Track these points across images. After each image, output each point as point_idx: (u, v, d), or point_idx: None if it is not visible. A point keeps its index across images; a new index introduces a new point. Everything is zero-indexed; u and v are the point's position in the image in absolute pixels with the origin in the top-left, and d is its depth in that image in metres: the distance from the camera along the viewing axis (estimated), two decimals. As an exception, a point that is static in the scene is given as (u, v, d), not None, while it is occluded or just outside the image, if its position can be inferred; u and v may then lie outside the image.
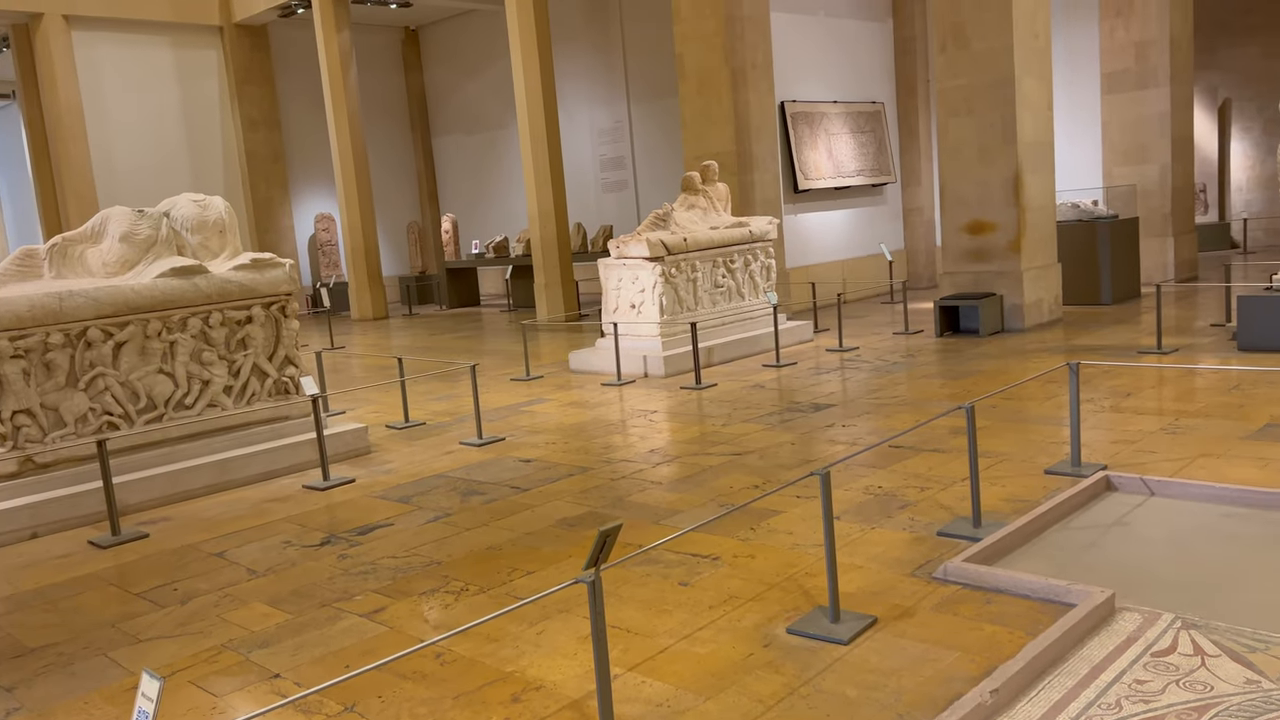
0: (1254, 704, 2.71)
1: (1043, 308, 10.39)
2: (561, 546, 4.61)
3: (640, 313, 9.45)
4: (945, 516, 4.55)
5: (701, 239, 9.70)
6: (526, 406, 8.19)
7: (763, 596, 3.80)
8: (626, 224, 16.69)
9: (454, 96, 21.11)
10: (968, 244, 10.42)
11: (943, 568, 3.86)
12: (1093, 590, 3.40)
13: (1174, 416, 6.10)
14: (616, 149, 17.55)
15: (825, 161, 13.98)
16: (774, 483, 5.33)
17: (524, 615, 3.75)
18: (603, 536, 2.60)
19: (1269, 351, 7.74)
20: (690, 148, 12.56)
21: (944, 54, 10.35)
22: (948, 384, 7.74)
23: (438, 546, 4.74)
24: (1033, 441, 5.76)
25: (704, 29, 12.16)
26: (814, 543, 4.31)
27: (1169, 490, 4.61)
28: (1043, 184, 10.40)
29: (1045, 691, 2.88)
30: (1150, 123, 13.02)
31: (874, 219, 15.02)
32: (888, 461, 5.55)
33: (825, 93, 14.13)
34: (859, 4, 14.56)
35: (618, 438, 6.85)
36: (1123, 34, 13.03)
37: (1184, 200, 13.31)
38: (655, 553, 4.28)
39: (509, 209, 19.87)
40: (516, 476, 5.95)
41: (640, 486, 5.51)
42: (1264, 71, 17.44)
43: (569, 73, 17.47)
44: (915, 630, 3.40)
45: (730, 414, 7.25)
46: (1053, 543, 4.13)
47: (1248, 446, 5.31)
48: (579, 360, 9.88)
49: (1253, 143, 18.38)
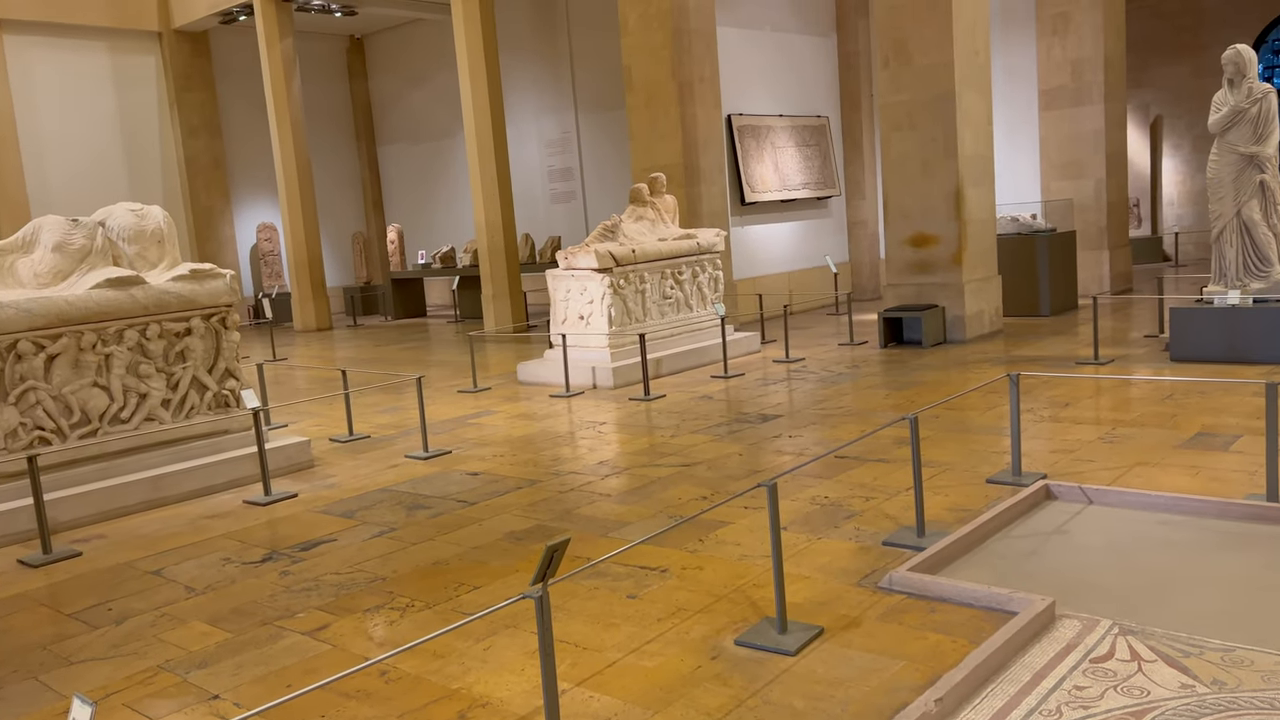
0: (1189, 709, 2.77)
1: (984, 319, 10.59)
2: (509, 560, 4.57)
3: (589, 324, 9.44)
4: (890, 526, 4.60)
5: (650, 251, 9.72)
6: (474, 419, 8.13)
7: (711, 608, 3.81)
8: (575, 235, 16.68)
9: (400, 105, 20.94)
10: (911, 256, 10.59)
11: (888, 577, 3.90)
12: (1033, 598, 3.46)
13: (1111, 426, 6.25)
14: (564, 160, 17.55)
15: (771, 174, 14.12)
16: (722, 494, 5.35)
17: (471, 631, 3.70)
18: (550, 551, 2.59)
19: (1200, 362, 7.97)
20: (638, 160, 12.60)
21: (887, 69, 10.52)
22: (892, 394, 7.84)
23: (382, 562, 4.68)
24: (975, 451, 5.85)
25: (651, 42, 12.22)
26: (762, 554, 4.33)
27: (1106, 499, 4.71)
28: (983, 198, 10.61)
29: (989, 699, 2.92)
30: (1086, 139, 13.37)
31: (819, 231, 15.20)
32: (834, 472, 5.60)
33: (771, 106, 14.28)
34: (804, 19, 14.76)
35: (566, 450, 6.82)
36: (1059, 52, 13.36)
37: (1119, 214, 13.67)
38: (603, 566, 4.26)
39: (456, 219, 19.74)
40: (463, 490, 5.89)
41: (589, 499, 5.49)
42: (1194, 90, 18.01)
43: (516, 83, 17.44)
44: (861, 640, 3.43)
45: (679, 425, 7.26)
46: (995, 551, 4.20)
47: (1181, 455, 5.45)
48: (527, 372, 9.84)
49: (1183, 159, 18.96)
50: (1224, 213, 8.01)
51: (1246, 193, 7.87)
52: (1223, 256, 8.09)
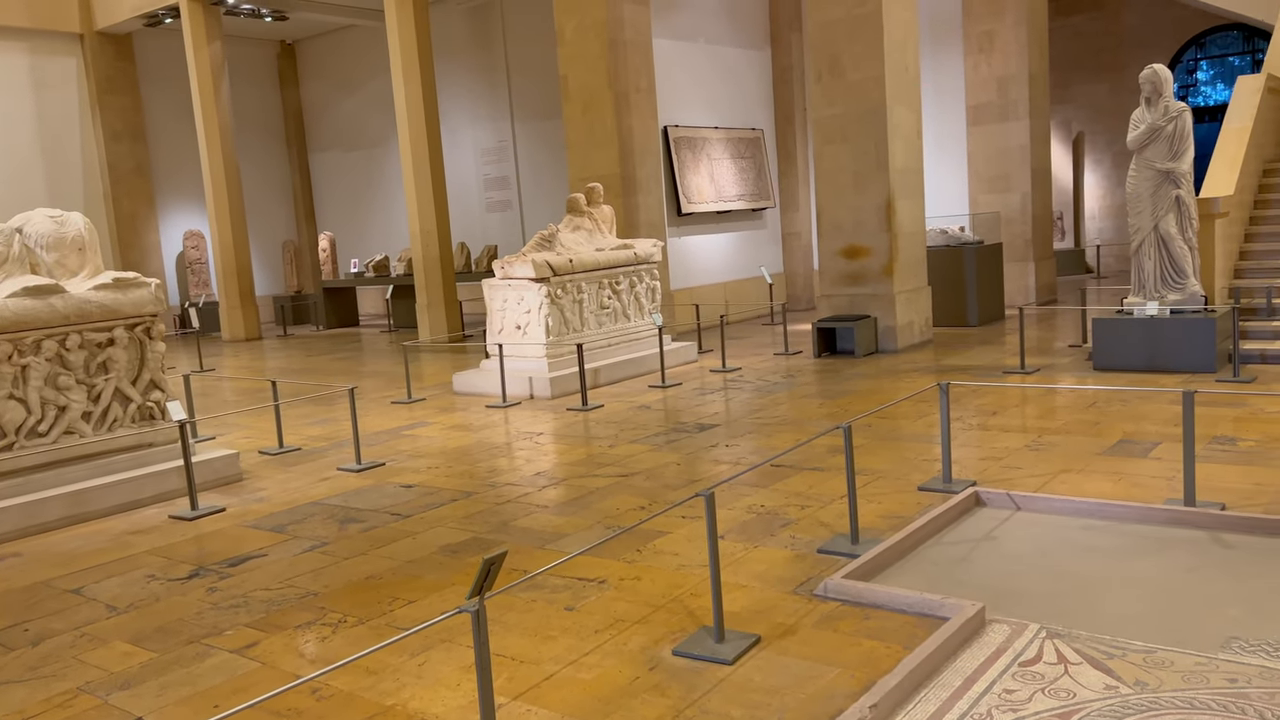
0: (1113, 709, 2.85)
1: (914, 329, 10.79)
2: (444, 574, 4.51)
3: (526, 334, 9.39)
4: (825, 534, 4.66)
5: (587, 260, 9.72)
6: (408, 430, 8.02)
7: (649, 619, 3.81)
8: (511, 244, 16.60)
9: (332, 112, 20.64)
10: (843, 268, 10.75)
11: (823, 585, 3.94)
12: (964, 604, 3.52)
13: (1037, 434, 6.41)
14: (501, 168, 17.46)
15: (707, 185, 14.22)
16: (660, 504, 5.35)
17: (405, 646, 3.65)
18: (487, 565, 2.56)
19: (1121, 371, 8.22)
20: (575, 169, 12.59)
21: (820, 83, 10.69)
22: (826, 404, 7.94)
23: (314, 577, 4.58)
24: (907, 459, 5.95)
25: (588, 52, 12.24)
26: (700, 563, 4.34)
27: (1033, 505, 4.83)
28: (913, 210, 10.82)
29: (922, 704, 2.97)
30: (1012, 153, 13.73)
31: (755, 242, 15.35)
32: (770, 480, 5.64)
33: (707, 118, 14.39)
34: (739, 33, 14.92)
35: (503, 461, 6.77)
36: (986, 69, 13.72)
37: (1043, 227, 14.06)
38: (541, 578, 4.23)
39: (390, 227, 19.51)
40: (397, 503, 5.80)
41: (526, 510, 5.46)
42: (1114, 107, 18.64)
43: (451, 91, 17.31)
44: (797, 648, 3.46)
45: (617, 435, 7.26)
46: (926, 558, 4.27)
47: (1104, 461, 5.61)
48: (463, 382, 9.75)
49: (1104, 174, 19.60)
50: (1142, 226, 8.29)
51: (1163, 207, 8.16)
52: (1141, 269, 8.37)
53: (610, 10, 11.98)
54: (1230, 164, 9.26)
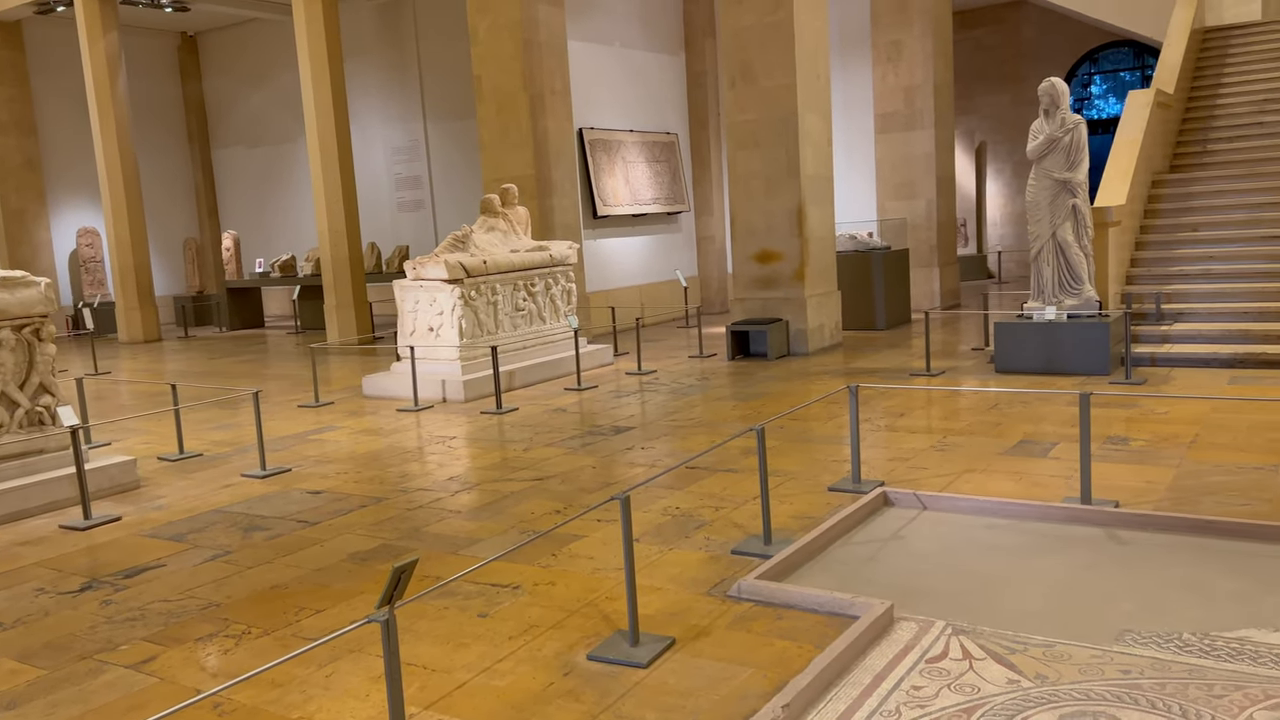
0: (1015, 703, 2.94)
1: (824, 333, 10.99)
2: (353, 582, 4.41)
3: (438, 336, 9.26)
4: (739, 535, 4.70)
5: (502, 262, 9.63)
6: (315, 434, 7.83)
7: (563, 624, 3.78)
8: (424, 245, 16.36)
9: (236, 107, 20.05)
10: (756, 272, 10.89)
11: (736, 586, 3.97)
12: (873, 603, 3.59)
13: (942, 435, 6.58)
14: (412, 168, 17.20)
15: (623, 189, 14.25)
16: (576, 507, 5.33)
17: (312, 658, 3.55)
18: (397, 573, 2.51)
19: (1022, 373, 8.51)
20: (489, 170, 12.48)
21: (733, 89, 10.81)
22: (739, 406, 8.02)
23: (216, 587, 4.43)
24: (817, 460, 6.05)
25: (502, 52, 12.14)
26: (615, 566, 4.33)
27: (939, 504, 4.95)
28: (823, 216, 11.02)
29: (833, 703, 3.01)
30: (918, 161, 14.11)
31: (670, 246, 15.44)
32: (685, 482, 5.67)
33: (622, 121, 14.42)
34: (653, 37, 14.99)
35: (414, 466, 6.66)
36: (893, 79, 14.07)
37: (947, 234, 14.48)
38: (454, 584, 4.17)
39: (297, 226, 19.04)
40: (304, 509, 5.65)
41: (438, 516, 5.37)
42: (1015, 118, 19.30)
43: (361, 88, 16.99)
44: (711, 649, 3.48)
45: (532, 438, 7.21)
46: (837, 557, 4.35)
47: (1005, 461, 5.80)
48: (373, 385, 9.56)
49: (1005, 182, 20.29)
50: (1041, 234, 8.60)
51: (1061, 215, 8.47)
52: (1040, 275, 8.68)
53: (524, 11, 11.91)
54: (1123, 175, 9.67)
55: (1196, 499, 4.87)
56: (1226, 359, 8.39)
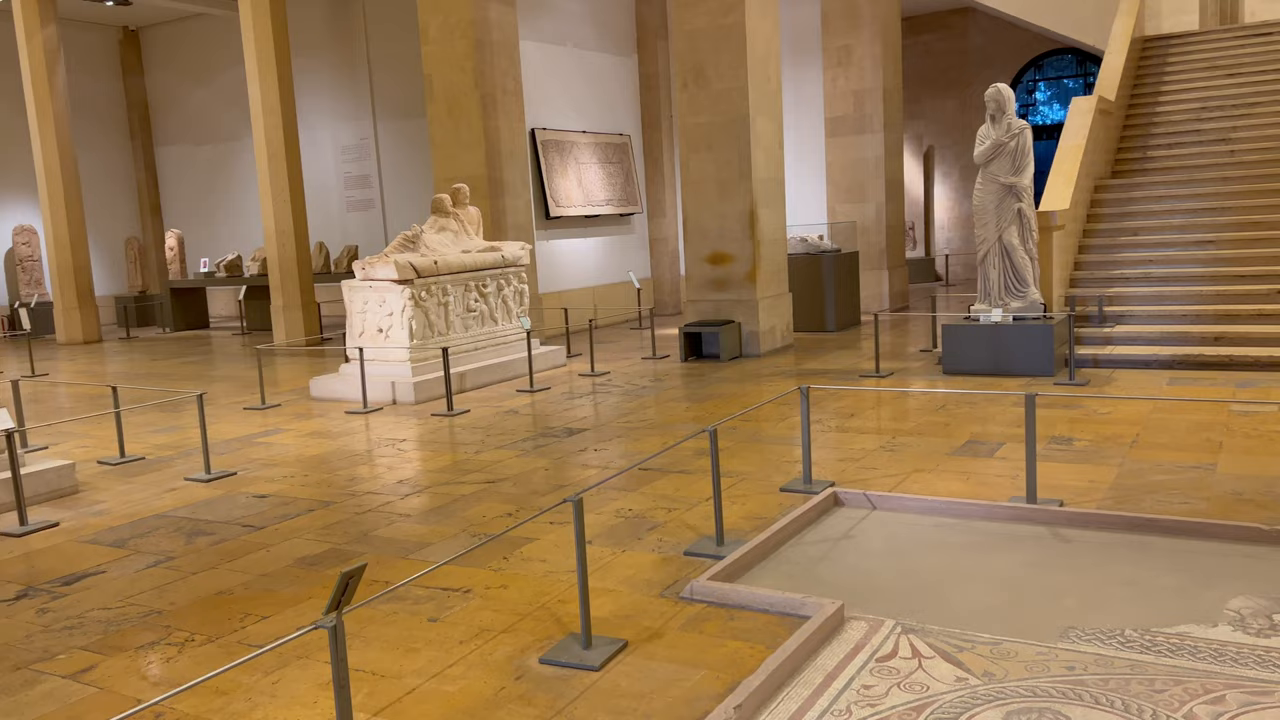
0: (963, 700, 2.97)
1: (776, 334, 11.06)
2: (301, 587, 4.34)
3: (388, 337, 9.15)
4: (691, 536, 4.70)
5: (453, 262, 9.55)
6: (262, 437, 7.69)
7: (515, 627, 3.75)
8: (373, 245, 16.17)
9: (181, 104, 19.65)
10: (709, 274, 10.93)
11: (689, 587, 3.97)
12: (824, 602, 3.61)
13: (891, 435, 6.65)
14: (362, 167, 16.99)
15: (576, 190, 14.22)
16: (528, 510, 5.30)
17: (258, 665, 3.48)
18: (344, 578, 2.47)
19: (969, 374, 8.64)
20: (440, 170, 12.37)
21: (685, 92, 10.83)
22: (692, 407, 8.04)
23: (158, 594, 4.33)
24: (769, 461, 6.08)
25: (453, 52, 12.05)
26: (567, 569, 4.31)
27: (888, 504, 5.01)
28: (775, 219, 11.09)
29: (784, 703, 3.02)
30: (867, 165, 14.26)
31: (623, 247, 15.44)
32: (638, 484, 5.66)
33: (575, 122, 14.39)
34: (606, 38, 14.98)
35: (364, 469, 6.57)
36: (843, 83, 14.21)
37: (896, 237, 14.65)
38: (404, 589, 4.12)
39: (243, 225, 18.71)
40: (250, 514, 5.55)
41: (388, 519, 5.31)
42: (961, 122, 19.61)
43: (310, 86, 16.75)
44: (664, 651, 3.47)
45: (483, 441, 7.15)
46: (788, 558, 4.37)
47: (953, 461, 5.88)
48: (321, 387, 9.42)
49: (952, 186, 20.59)
50: (987, 237, 8.74)
51: (1007, 219, 8.62)
52: (987, 277, 8.82)
53: (476, 10, 11.83)
54: (1066, 180, 9.87)
55: (1138, 497, 4.98)
56: (1166, 360, 8.60)
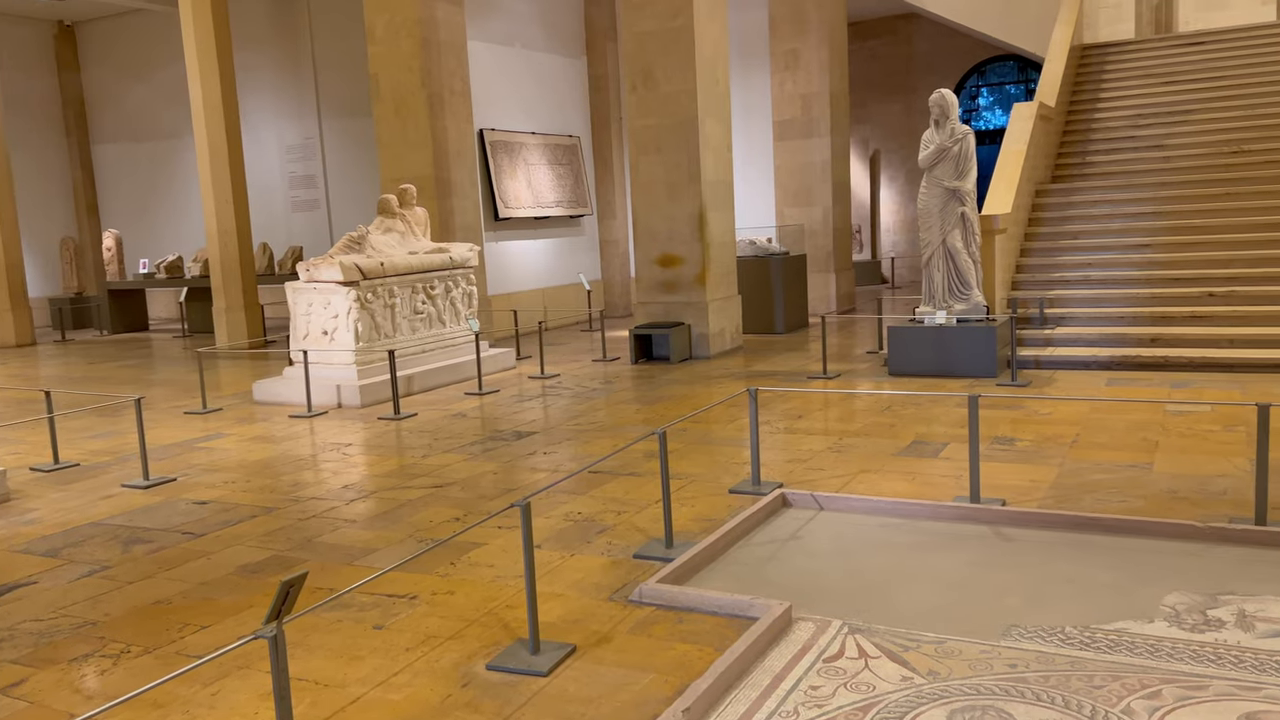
0: (908, 699, 3.00)
1: (725, 336, 11.11)
2: (242, 596, 4.25)
3: (333, 340, 9.02)
4: (640, 539, 4.69)
5: (400, 264, 9.44)
6: (203, 442, 7.53)
7: (462, 634, 3.71)
8: (319, 245, 15.94)
9: (119, 101, 19.19)
10: (659, 276, 10.94)
11: (638, 590, 3.96)
12: (772, 604, 3.63)
13: (839, 436, 6.71)
14: (307, 166, 16.74)
15: (525, 191, 14.15)
16: (476, 514, 5.25)
17: (197, 676, 3.40)
18: (285, 587, 2.42)
19: (914, 376, 8.75)
20: (387, 170, 12.24)
21: (635, 93, 10.84)
22: (642, 409, 8.04)
23: (92, 605, 4.21)
24: (718, 462, 6.10)
25: (400, 51, 11.92)
26: (515, 574, 4.28)
27: (835, 505, 5.05)
28: (724, 221, 11.14)
29: (733, 705, 3.03)
30: (814, 169, 14.40)
31: (573, 249, 15.40)
32: (587, 487, 5.64)
33: (524, 123, 14.33)
34: (555, 39, 14.93)
35: (308, 474, 6.46)
36: (790, 87, 14.32)
37: (843, 240, 14.81)
38: (348, 596, 4.05)
39: (184, 226, 18.33)
40: (189, 521, 5.43)
41: (332, 525, 5.22)
42: (907, 127, 19.89)
43: (253, 84, 16.46)
44: (612, 655, 3.46)
45: (431, 444, 7.08)
46: (737, 559, 4.38)
47: (899, 462, 5.95)
48: (264, 391, 9.25)
49: (898, 190, 20.88)
50: (932, 240, 8.86)
51: (950, 223, 8.75)
52: (931, 280, 8.95)
53: (423, 10, 11.73)
54: (1008, 184, 10.05)
55: (1077, 496, 5.08)
56: (1105, 361, 8.80)
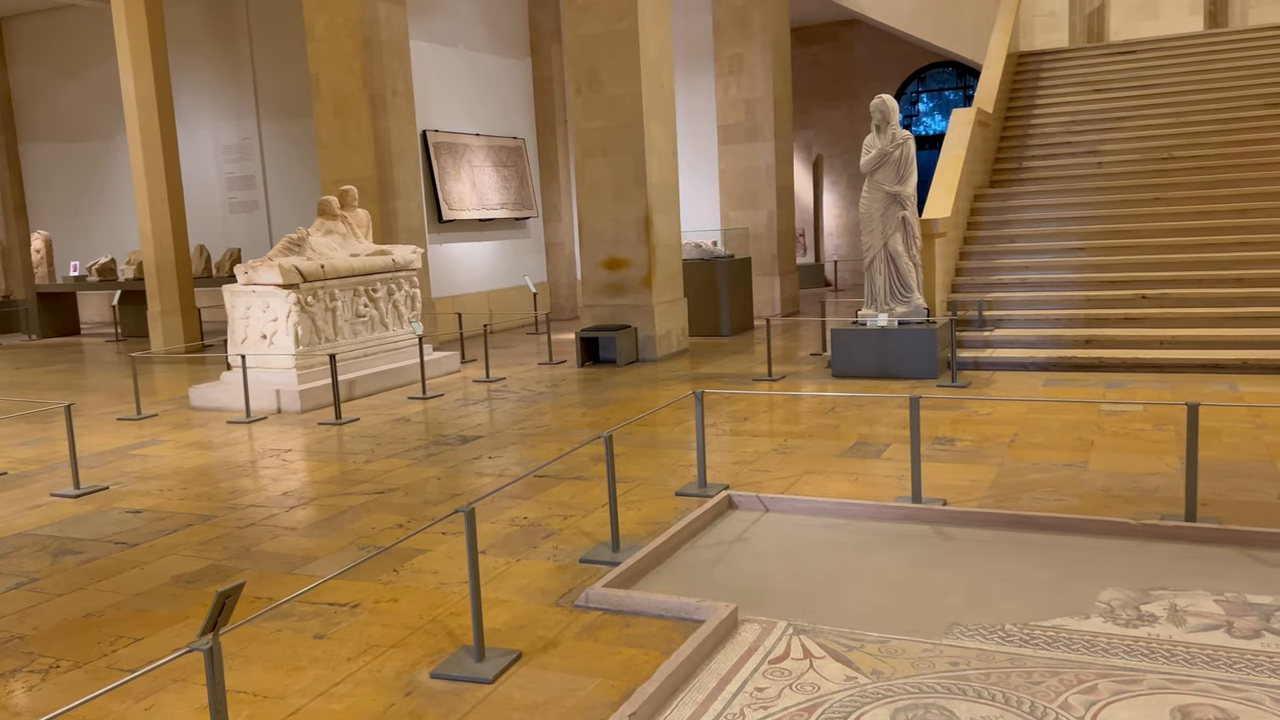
0: (852, 699, 3.03)
1: (672, 339, 11.13)
2: (178, 607, 4.14)
3: (273, 344, 8.85)
4: (587, 543, 4.68)
5: (341, 266, 9.30)
6: (137, 449, 7.34)
7: (406, 642, 3.66)
8: (257, 248, 15.63)
9: (49, 99, 18.63)
10: (605, 278, 10.93)
11: (584, 595, 3.95)
12: (718, 606, 3.63)
13: (784, 438, 6.76)
14: (245, 167, 16.41)
15: (469, 193, 14.04)
16: (420, 520, 5.19)
17: (130, 691, 3.31)
18: (221, 598, 2.36)
19: (857, 377, 8.85)
20: (328, 171, 12.05)
21: (580, 96, 10.82)
22: (589, 413, 8.02)
23: (20, 618, 4.07)
24: (665, 465, 6.11)
25: (341, 51, 11.76)
26: (460, 580, 4.23)
27: (780, 506, 5.08)
28: (670, 224, 11.17)
29: (679, 708, 3.03)
30: (759, 172, 14.51)
31: (518, 251, 15.32)
32: (533, 492, 5.61)
33: (468, 125, 14.22)
34: (499, 41, 14.85)
35: (247, 481, 6.33)
36: (735, 91, 14.42)
37: (787, 243, 14.94)
38: (288, 606, 3.97)
39: (117, 227, 17.87)
40: (123, 530, 5.28)
41: (272, 533, 5.12)
42: (849, 132, 20.13)
43: (189, 83, 16.11)
44: (559, 661, 3.44)
45: (373, 450, 6.98)
46: (683, 562, 4.39)
47: (842, 463, 6.01)
48: (202, 396, 9.05)
49: (840, 194, 21.12)
50: (873, 244, 8.98)
51: (892, 227, 8.87)
52: (873, 283, 9.06)
53: (364, 9, 11.58)
54: (948, 189, 10.22)
55: (1016, 495, 5.18)
56: (1042, 362, 8.98)
